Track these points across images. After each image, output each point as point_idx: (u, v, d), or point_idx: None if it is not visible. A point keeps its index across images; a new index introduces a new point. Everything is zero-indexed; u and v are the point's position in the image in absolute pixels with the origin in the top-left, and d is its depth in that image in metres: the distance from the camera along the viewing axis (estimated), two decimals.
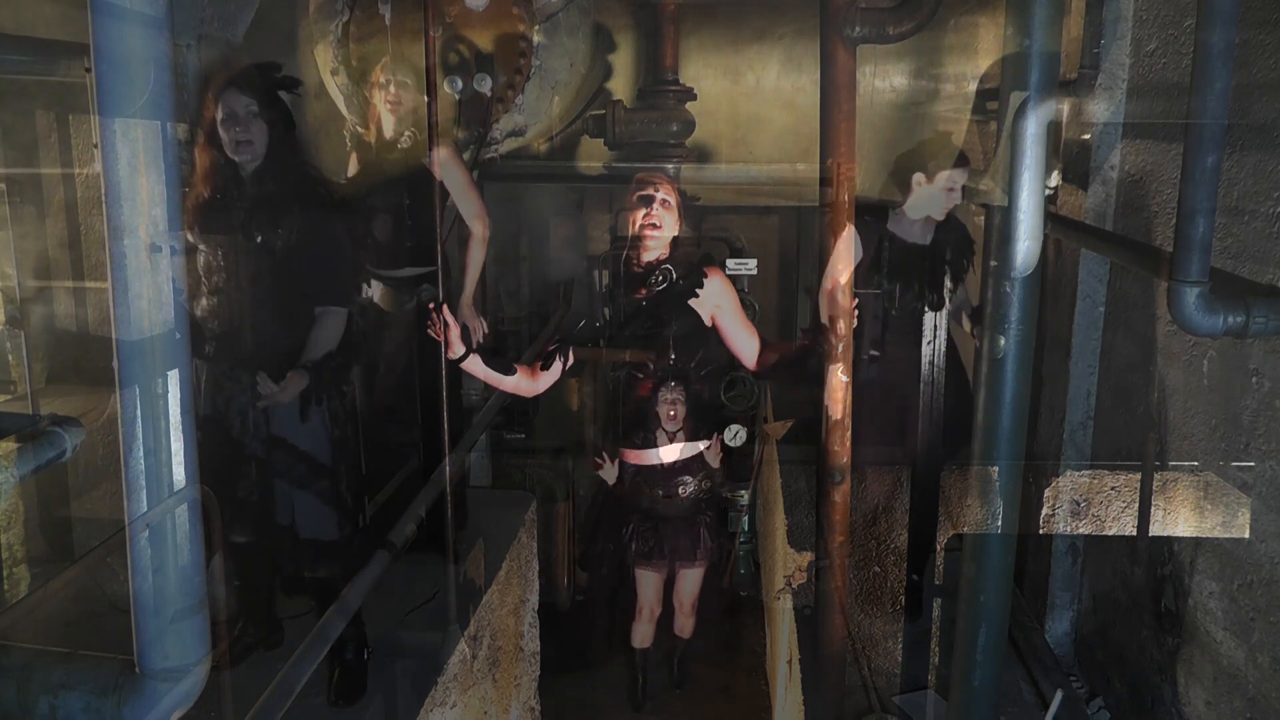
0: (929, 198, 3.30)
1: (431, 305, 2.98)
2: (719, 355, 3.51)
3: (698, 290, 3.34)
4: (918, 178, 3.28)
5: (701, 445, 3.62)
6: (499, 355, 3.30)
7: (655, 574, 3.81)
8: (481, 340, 3.70)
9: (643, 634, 4.03)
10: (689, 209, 3.59)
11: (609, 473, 3.67)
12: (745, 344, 3.43)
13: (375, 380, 3.73)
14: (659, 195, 3.30)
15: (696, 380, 3.50)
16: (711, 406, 3.71)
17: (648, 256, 3.34)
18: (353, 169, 3.48)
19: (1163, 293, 2.14)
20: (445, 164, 3.36)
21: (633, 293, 3.36)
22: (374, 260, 3.42)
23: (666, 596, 3.93)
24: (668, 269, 3.34)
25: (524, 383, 3.33)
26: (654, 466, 3.59)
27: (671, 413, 3.49)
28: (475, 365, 3.14)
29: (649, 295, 3.34)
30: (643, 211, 3.29)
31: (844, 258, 2.70)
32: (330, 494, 2.80)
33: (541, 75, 4.03)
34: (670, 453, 3.57)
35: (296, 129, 2.74)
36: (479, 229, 3.57)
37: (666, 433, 3.54)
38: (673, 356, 3.40)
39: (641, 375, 3.46)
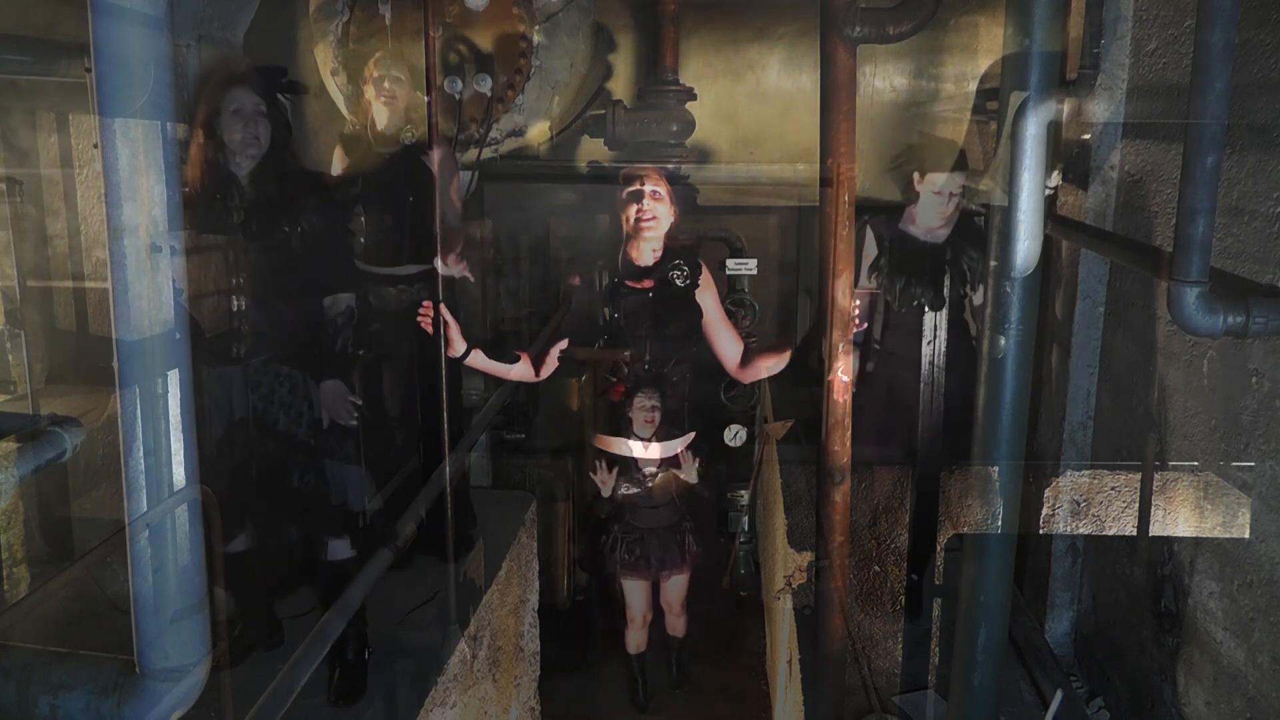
0: (924, 201, 3.28)
1: (428, 301, 2.98)
2: (704, 355, 3.48)
3: (698, 282, 3.33)
4: (915, 178, 3.27)
5: (679, 446, 3.59)
6: (498, 346, 3.30)
7: (642, 582, 3.80)
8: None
9: (637, 640, 4.03)
10: (683, 192, 3.57)
11: (604, 482, 3.64)
12: (729, 344, 3.39)
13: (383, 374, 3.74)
14: (648, 188, 3.27)
15: (675, 379, 3.48)
16: (688, 409, 3.66)
17: (647, 250, 3.33)
18: (338, 163, 3.45)
19: (1163, 293, 2.14)
20: (441, 164, 3.35)
21: (640, 289, 3.33)
22: (367, 256, 3.41)
23: (656, 601, 3.93)
24: (680, 266, 3.31)
25: (527, 369, 3.33)
26: (631, 467, 3.58)
27: (648, 417, 3.47)
28: (478, 360, 3.14)
29: (665, 292, 3.31)
30: (635, 208, 3.26)
31: (851, 259, 2.70)
32: (362, 466, 2.95)
33: (541, 75, 4.02)
34: (650, 452, 3.55)
35: (293, 133, 2.80)
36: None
37: (646, 432, 3.52)
38: (669, 355, 3.39)
39: (626, 374, 3.45)
